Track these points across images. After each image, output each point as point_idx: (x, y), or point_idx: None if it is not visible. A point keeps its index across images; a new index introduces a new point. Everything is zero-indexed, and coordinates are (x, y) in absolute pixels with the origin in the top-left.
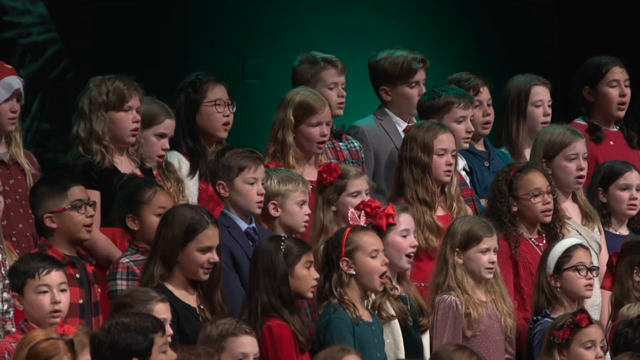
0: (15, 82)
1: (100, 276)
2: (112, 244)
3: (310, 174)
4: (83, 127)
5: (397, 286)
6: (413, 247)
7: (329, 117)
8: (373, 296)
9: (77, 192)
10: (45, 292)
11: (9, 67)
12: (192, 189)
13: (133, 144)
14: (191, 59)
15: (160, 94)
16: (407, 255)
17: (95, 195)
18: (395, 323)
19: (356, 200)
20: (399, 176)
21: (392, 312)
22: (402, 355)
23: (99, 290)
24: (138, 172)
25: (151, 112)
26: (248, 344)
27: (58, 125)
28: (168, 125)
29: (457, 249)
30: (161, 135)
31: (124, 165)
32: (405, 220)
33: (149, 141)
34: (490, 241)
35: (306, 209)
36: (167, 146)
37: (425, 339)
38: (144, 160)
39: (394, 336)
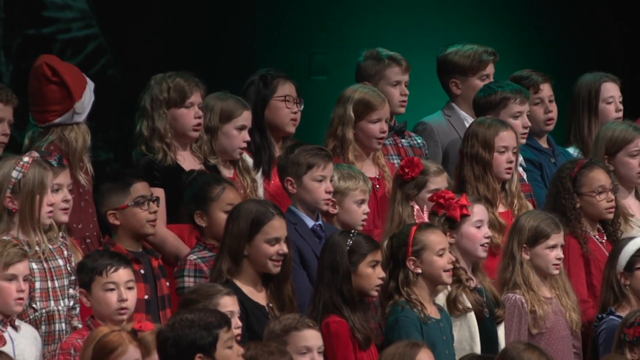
0: (90, 81)
1: (169, 272)
2: (180, 241)
3: (369, 170)
4: (146, 125)
5: (473, 277)
6: (487, 237)
7: (388, 113)
8: (449, 288)
9: (139, 188)
10: (112, 289)
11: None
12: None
13: (196, 139)
14: (257, 55)
15: (229, 91)
16: (482, 246)
17: (159, 193)
18: (472, 315)
19: None
20: (459, 173)
21: (468, 305)
22: (478, 347)
23: (168, 284)
24: (202, 168)
25: (228, 106)
26: (311, 337)
27: (98, 122)
28: (246, 116)
29: (525, 245)
30: (241, 128)
31: (188, 162)
32: (479, 211)
33: (230, 135)
34: (558, 237)
35: (365, 207)
36: (248, 138)
37: (501, 330)
38: (226, 155)
39: (469, 328)
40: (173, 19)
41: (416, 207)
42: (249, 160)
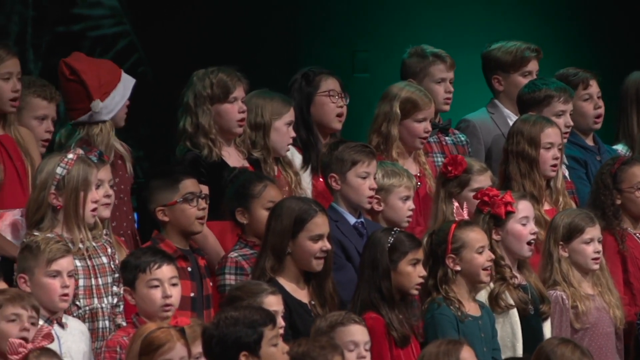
0: (131, 80)
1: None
2: (218, 243)
3: (410, 168)
4: (189, 122)
5: (517, 275)
6: (533, 234)
7: (432, 113)
8: (492, 284)
9: (189, 185)
10: (156, 286)
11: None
12: (305, 182)
13: (240, 134)
14: (300, 53)
15: (272, 89)
16: (528, 243)
17: (204, 190)
18: (514, 312)
19: None
20: (504, 170)
21: (511, 302)
22: (520, 344)
23: (211, 283)
24: (246, 163)
25: (277, 104)
26: (358, 332)
27: (129, 120)
28: (292, 113)
29: (561, 243)
30: (289, 124)
31: (232, 157)
32: (524, 208)
33: (281, 132)
34: (593, 231)
35: (410, 204)
36: (294, 134)
37: (547, 327)
38: (275, 152)
39: (512, 325)
40: (211, 16)
41: (455, 204)
42: (289, 156)
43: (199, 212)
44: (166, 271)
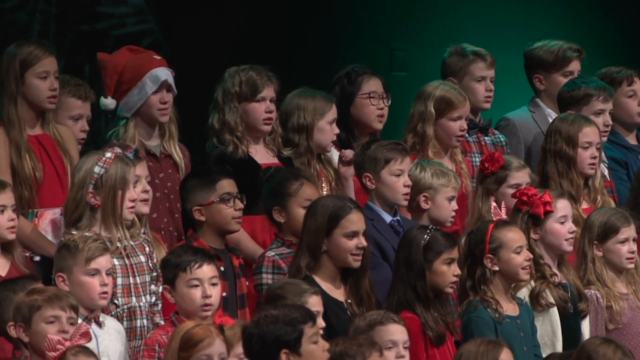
0: (163, 73)
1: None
2: (253, 242)
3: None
4: (217, 118)
5: (557, 273)
6: (572, 232)
7: (468, 111)
8: (532, 283)
9: (225, 185)
10: (196, 285)
11: (158, 57)
12: None
13: (270, 133)
14: (338, 51)
15: (310, 86)
16: (567, 240)
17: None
18: (554, 310)
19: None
20: (543, 169)
21: (551, 300)
22: (560, 342)
23: (247, 283)
24: (275, 160)
25: (319, 103)
26: (397, 331)
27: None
28: (334, 110)
29: (596, 242)
30: (332, 121)
31: (260, 155)
32: (562, 207)
33: (324, 130)
34: (629, 231)
35: (454, 204)
36: (337, 130)
37: (585, 325)
38: (320, 150)
39: (551, 323)
40: (248, 15)
41: (493, 204)
42: (330, 153)
43: (236, 212)
44: (207, 271)
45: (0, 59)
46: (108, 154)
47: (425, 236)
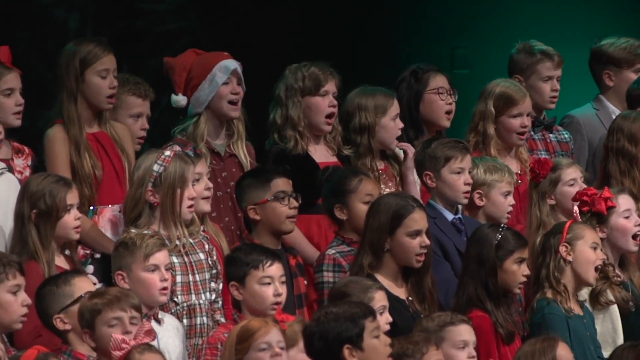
0: (232, 63)
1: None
2: (310, 246)
3: (510, 165)
4: (280, 114)
5: (619, 273)
6: (638, 226)
7: (529, 108)
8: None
9: (280, 183)
10: (268, 283)
11: (225, 53)
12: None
13: (329, 132)
14: (400, 49)
15: (371, 84)
16: (633, 237)
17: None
18: (614, 308)
19: (573, 189)
20: (604, 167)
21: (611, 298)
22: (621, 340)
23: (305, 282)
24: (334, 160)
25: (379, 101)
26: (467, 332)
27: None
28: (396, 105)
29: None
30: (395, 117)
31: (319, 153)
32: (624, 202)
33: (388, 127)
34: None
35: (510, 199)
36: (401, 125)
37: None
38: (384, 147)
39: (612, 322)
40: (311, 13)
41: (575, 208)
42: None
43: (290, 211)
44: (277, 269)
45: (59, 57)
46: (167, 152)
47: (498, 235)
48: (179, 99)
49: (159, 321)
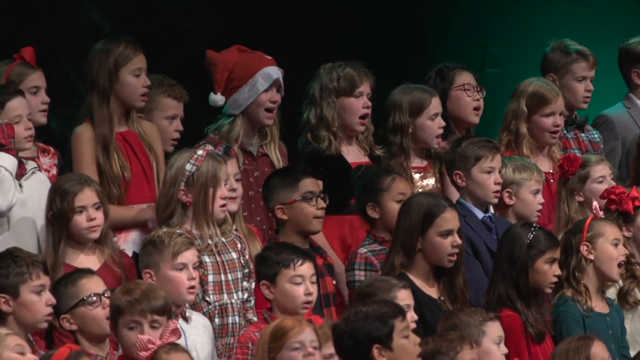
0: (275, 72)
1: None
2: (327, 244)
3: (543, 164)
4: (313, 114)
5: None
6: None
7: (562, 107)
8: (621, 282)
9: (308, 184)
10: (299, 283)
11: (269, 57)
12: None
13: (362, 132)
14: (432, 48)
15: (402, 83)
16: None
17: (320, 185)
18: None
19: (602, 186)
20: (636, 166)
21: (639, 298)
22: None
23: (334, 282)
24: (366, 160)
25: (415, 99)
26: (501, 328)
27: (211, 119)
28: (436, 104)
29: None
30: (434, 116)
31: (352, 154)
32: None
33: (425, 127)
34: None
35: (540, 197)
36: (443, 123)
37: None
38: (424, 145)
39: None
40: (342, 12)
41: (595, 203)
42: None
43: (318, 212)
44: (308, 268)
45: (89, 57)
46: (200, 152)
47: (530, 234)
48: (217, 99)
49: (186, 319)
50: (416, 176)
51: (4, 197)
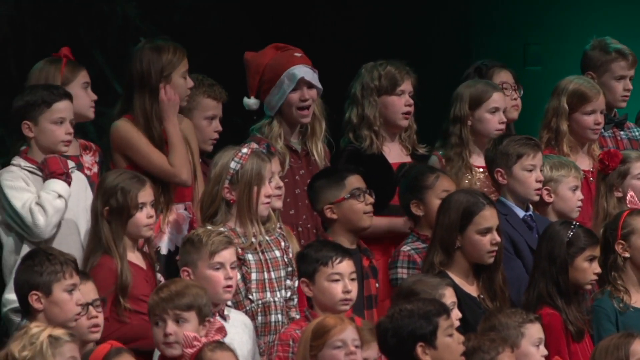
0: (300, 71)
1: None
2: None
3: (583, 162)
4: (355, 113)
5: None
6: None
7: (602, 105)
8: None
9: (354, 181)
10: (337, 280)
11: (299, 55)
12: None
13: (405, 127)
14: (473, 45)
15: (443, 81)
16: None
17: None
18: None
19: None
20: None
21: None
22: None
23: (377, 285)
24: (408, 159)
25: (476, 91)
26: (541, 330)
27: (244, 118)
28: (497, 98)
29: None
30: (494, 110)
31: (393, 153)
32: None
33: (483, 120)
34: None
35: (579, 194)
36: (504, 119)
37: None
38: (483, 138)
39: None
40: (375, 9)
41: (630, 192)
42: None
43: (367, 207)
44: (347, 266)
45: (135, 55)
46: (244, 150)
47: (569, 232)
48: (251, 103)
49: (225, 318)
50: (481, 176)
51: (46, 222)
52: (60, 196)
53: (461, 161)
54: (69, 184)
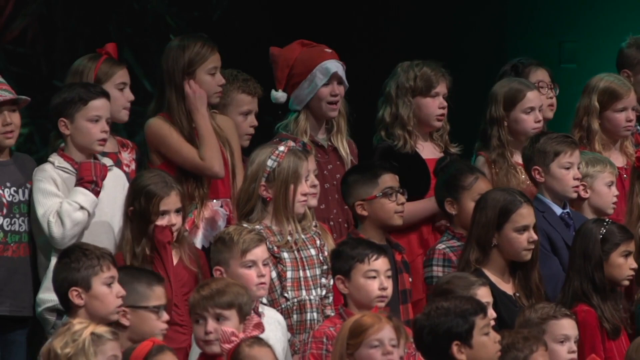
0: (333, 65)
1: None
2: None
3: (616, 159)
4: (389, 112)
5: None
6: None
7: (634, 101)
8: None
9: (387, 179)
10: (374, 277)
11: (329, 50)
12: None
13: (438, 128)
14: (508, 43)
15: (478, 79)
16: None
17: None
18: None
19: None
20: None
21: None
22: None
23: (410, 279)
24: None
25: (510, 92)
26: (570, 326)
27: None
28: (531, 97)
29: None
30: (529, 110)
31: (427, 151)
32: None
33: (519, 120)
34: None
35: (614, 189)
36: (540, 117)
37: None
38: (521, 137)
39: None
40: (410, 7)
41: None
42: None
43: (398, 207)
44: (382, 263)
45: (165, 53)
46: (281, 148)
47: (602, 229)
48: (279, 96)
49: (259, 315)
50: (523, 177)
51: (62, 234)
52: (82, 208)
53: (506, 162)
54: (98, 193)
